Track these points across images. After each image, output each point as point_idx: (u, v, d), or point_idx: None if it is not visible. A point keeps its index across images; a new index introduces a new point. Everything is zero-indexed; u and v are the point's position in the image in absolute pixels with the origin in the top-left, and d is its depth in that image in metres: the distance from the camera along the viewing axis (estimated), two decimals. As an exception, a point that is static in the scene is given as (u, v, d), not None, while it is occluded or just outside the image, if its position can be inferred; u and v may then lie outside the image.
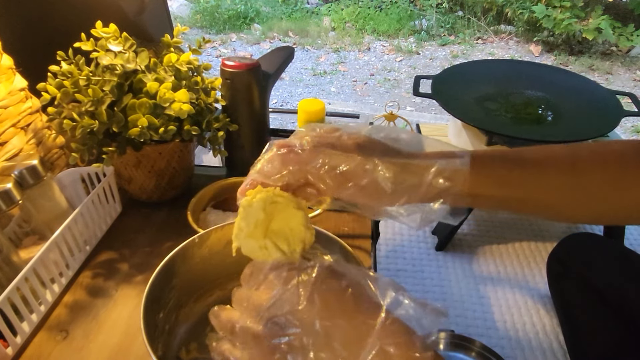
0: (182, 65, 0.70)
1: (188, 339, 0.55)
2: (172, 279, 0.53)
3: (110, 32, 0.67)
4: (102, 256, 0.69)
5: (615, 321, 0.73)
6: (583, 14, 3.48)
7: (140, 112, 0.65)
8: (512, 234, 1.41)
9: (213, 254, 0.57)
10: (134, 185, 0.75)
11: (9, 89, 0.69)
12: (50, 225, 0.63)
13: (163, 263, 0.51)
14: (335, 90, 3.15)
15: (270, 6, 4.48)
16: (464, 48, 3.76)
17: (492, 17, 3.98)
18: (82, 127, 0.63)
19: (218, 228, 0.56)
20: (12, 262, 0.58)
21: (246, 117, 0.80)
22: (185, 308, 0.56)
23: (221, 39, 3.97)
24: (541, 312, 1.12)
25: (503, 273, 1.29)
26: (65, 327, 0.58)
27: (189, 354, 0.54)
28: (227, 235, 0.56)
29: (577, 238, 0.88)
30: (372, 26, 4.07)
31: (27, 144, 0.70)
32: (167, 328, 0.53)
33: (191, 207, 0.70)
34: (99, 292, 0.63)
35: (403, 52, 3.69)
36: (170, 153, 0.73)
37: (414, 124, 1.55)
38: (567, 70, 1.61)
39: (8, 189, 0.57)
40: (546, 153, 0.41)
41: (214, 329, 0.37)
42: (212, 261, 0.57)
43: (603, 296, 0.76)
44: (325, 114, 0.86)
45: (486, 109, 1.17)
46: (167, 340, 0.53)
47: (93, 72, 0.66)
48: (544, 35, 3.65)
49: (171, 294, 0.53)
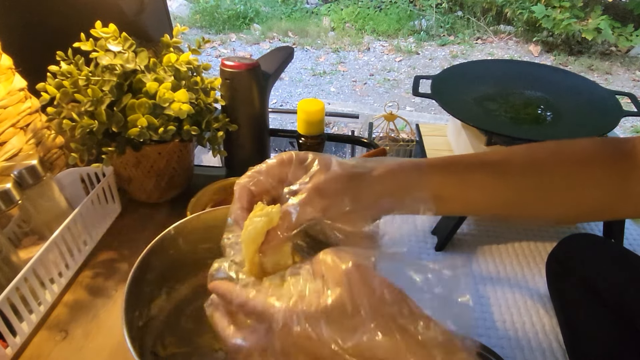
0: (181, 65, 0.70)
1: (163, 334, 0.52)
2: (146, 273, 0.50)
3: (110, 32, 0.67)
4: (101, 256, 0.69)
5: (615, 321, 0.73)
6: (582, 14, 3.49)
7: (140, 112, 0.65)
8: (512, 234, 1.41)
9: (187, 244, 0.54)
10: (134, 186, 0.75)
11: (9, 89, 0.69)
12: (50, 226, 0.63)
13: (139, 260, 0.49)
14: (334, 90, 3.15)
15: (269, 6, 4.48)
16: (463, 48, 3.76)
17: (492, 17, 3.99)
18: (81, 127, 0.63)
19: (195, 217, 0.54)
20: (11, 263, 0.58)
21: (246, 117, 0.80)
22: (157, 300, 0.54)
23: (221, 39, 3.97)
24: (540, 312, 1.12)
25: (502, 273, 1.29)
26: (65, 327, 0.58)
27: (166, 349, 0.51)
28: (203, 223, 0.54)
29: (576, 238, 0.88)
30: (372, 26, 4.07)
31: (26, 144, 0.70)
32: (141, 324, 0.50)
33: (190, 207, 0.70)
34: (99, 292, 0.63)
35: (402, 52, 3.69)
36: (170, 153, 0.73)
37: (414, 124, 1.55)
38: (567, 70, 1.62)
39: (7, 189, 0.57)
40: (505, 154, 0.42)
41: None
42: (185, 251, 0.55)
43: (602, 296, 0.76)
44: (325, 114, 0.86)
45: (486, 109, 1.18)
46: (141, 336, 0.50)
47: (92, 72, 0.65)
48: (544, 35, 3.65)
49: (147, 289, 0.51)
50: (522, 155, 0.42)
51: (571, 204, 0.41)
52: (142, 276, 0.49)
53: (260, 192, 0.41)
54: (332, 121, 2.42)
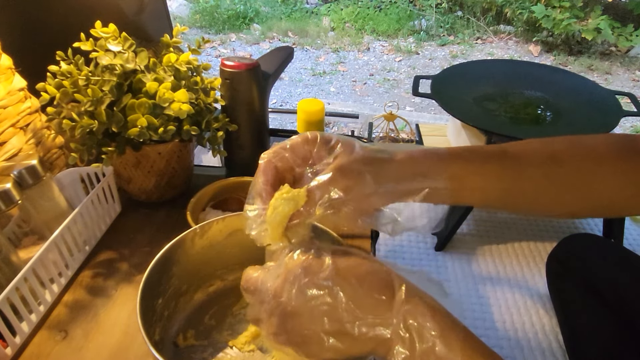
0: (181, 65, 0.70)
1: (186, 326, 0.57)
2: (172, 266, 0.54)
3: (110, 32, 0.67)
4: (101, 256, 0.69)
5: (615, 321, 0.73)
6: (582, 14, 3.49)
7: (140, 112, 0.65)
8: (512, 234, 1.41)
9: (214, 245, 0.58)
10: (134, 186, 0.75)
11: (8, 88, 0.69)
12: (50, 226, 0.63)
13: (163, 250, 0.52)
14: (334, 90, 3.15)
15: (269, 6, 4.48)
16: (463, 48, 3.76)
17: (492, 17, 3.99)
18: (81, 127, 0.63)
19: (220, 220, 0.57)
20: (11, 263, 0.58)
21: (246, 117, 0.80)
22: (186, 296, 0.58)
23: (220, 39, 3.97)
24: (540, 312, 1.12)
25: (502, 273, 1.29)
26: (65, 327, 0.58)
27: (186, 340, 0.55)
28: (229, 227, 0.58)
29: (576, 238, 0.88)
30: (372, 26, 4.07)
31: (26, 144, 0.70)
32: (166, 314, 0.55)
33: (190, 207, 0.70)
34: (99, 292, 0.63)
35: (402, 52, 3.69)
36: (170, 153, 0.73)
37: (414, 124, 1.55)
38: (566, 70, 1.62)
39: (7, 189, 0.57)
40: (524, 146, 0.42)
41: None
42: (212, 252, 0.58)
43: (602, 296, 0.76)
44: (325, 114, 0.86)
45: (485, 109, 1.18)
46: (166, 326, 0.55)
47: (92, 72, 0.65)
48: (543, 35, 3.65)
49: (171, 282, 0.55)
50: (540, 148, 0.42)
51: (586, 198, 0.42)
52: (165, 268, 0.53)
53: (284, 169, 0.42)
54: (332, 121, 2.42)
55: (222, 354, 0.54)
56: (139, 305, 0.46)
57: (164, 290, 0.54)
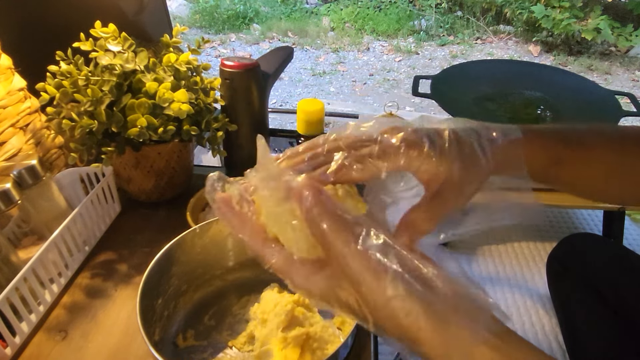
0: (181, 65, 0.70)
1: (185, 326, 0.57)
2: (171, 267, 0.55)
3: (109, 32, 0.67)
4: (101, 256, 0.69)
5: (615, 321, 0.73)
6: (582, 14, 3.49)
7: (140, 112, 0.65)
8: (512, 234, 1.41)
9: (214, 245, 0.58)
10: (133, 186, 0.75)
11: (8, 88, 0.68)
12: (49, 226, 0.63)
13: (163, 250, 0.53)
14: (334, 90, 3.15)
15: (269, 6, 4.48)
16: (463, 48, 3.77)
17: (491, 17, 3.99)
18: (81, 127, 0.63)
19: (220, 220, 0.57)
20: (11, 263, 0.58)
21: (245, 117, 0.80)
22: (185, 296, 0.58)
23: (220, 39, 3.97)
24: (540, 312, 1.12)
25: (502, 273, 1.29)
26: (64, 328, 0.58)
27: (186, 340, 0.56)
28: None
29: (576, 238, 0.88)
30: (371, 26, 4.07)
31: (26, 144, 0.70)
32: (166, 314, 0.55)
33: (190, 207, 0.70)
34: (98, 292, 0.63)
35: (402, 52, 3.69)
36: (170, 153, 0.73)
37: (413, 124, 1.55)
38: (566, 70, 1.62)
39: (7, 189, 0.57)
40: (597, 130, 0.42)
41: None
42: (212, 252, 0.59)
43: (602, 296, 0.76)
44: (325, 114, 0.86)
45: (485, 109, 1.17)
46: (166, 326, 0.55)
47: (92, 72, 0.65)
48: (543, 35, 3.65)
49: (170, 282, 0.55)
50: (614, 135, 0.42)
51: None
52: (165, 268, 0.53)
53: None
54: (332, 121, 2.42)
55: (221, 354, 0.54)
56: (139, 305, 0.46)
57: (163, 290, 0.54)
